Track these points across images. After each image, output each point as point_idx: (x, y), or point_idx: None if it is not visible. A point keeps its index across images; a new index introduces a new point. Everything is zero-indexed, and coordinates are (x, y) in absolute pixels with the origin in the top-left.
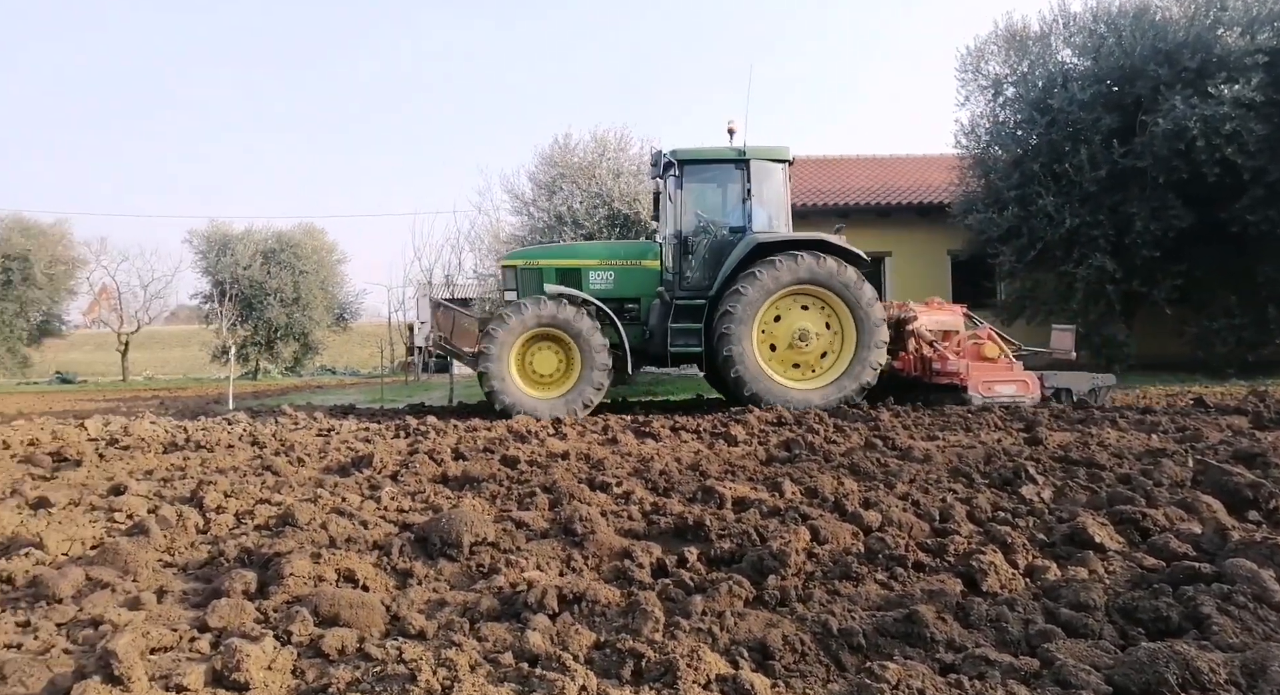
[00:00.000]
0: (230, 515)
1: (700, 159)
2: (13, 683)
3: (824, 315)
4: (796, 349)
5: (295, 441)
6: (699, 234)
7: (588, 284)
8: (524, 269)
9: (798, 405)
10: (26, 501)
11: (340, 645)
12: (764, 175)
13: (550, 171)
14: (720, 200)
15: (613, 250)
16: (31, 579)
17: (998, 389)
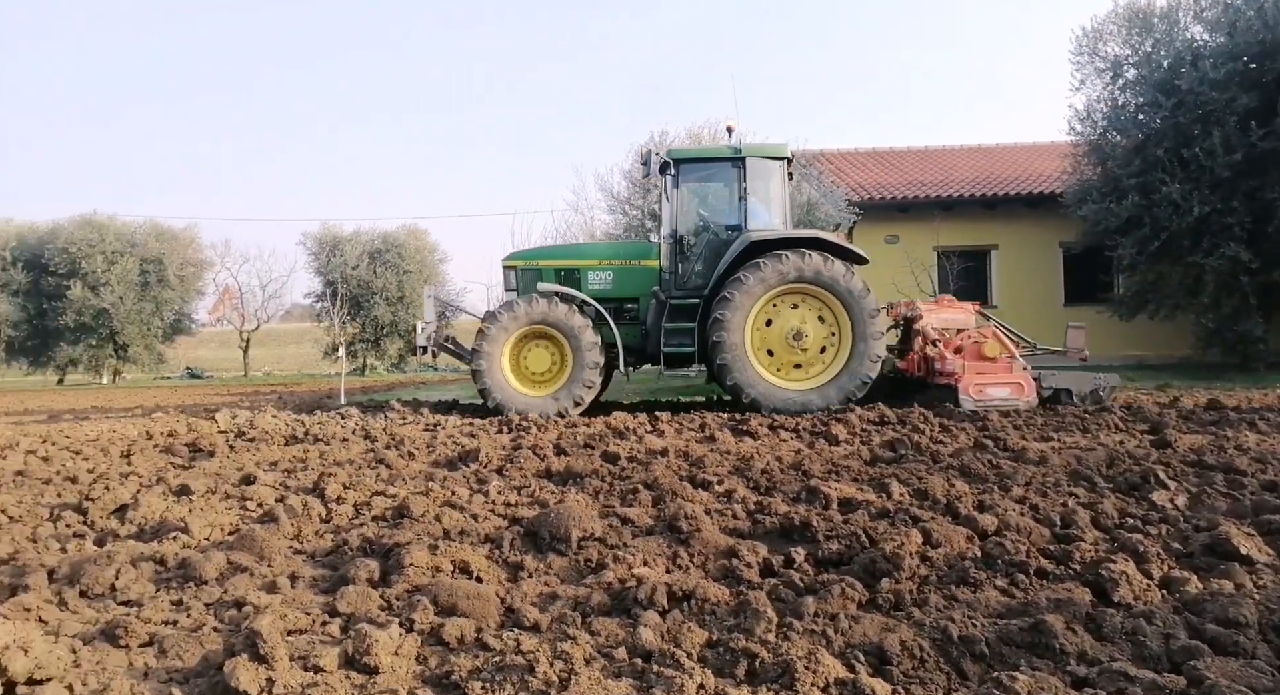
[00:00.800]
0: (349, 506)
1: (696, 158)
2: (171, 656)
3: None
4: (792, 349)
5: (404, 435)
6: (697, 233)
7: (586, 284)
8: (524, 270)
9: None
10: (170, 489)
11: (460, 634)
12: (761, 174)
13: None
14: (717, 199)
15: (613, 250)
16: (181, 561)
17: (989, 391)
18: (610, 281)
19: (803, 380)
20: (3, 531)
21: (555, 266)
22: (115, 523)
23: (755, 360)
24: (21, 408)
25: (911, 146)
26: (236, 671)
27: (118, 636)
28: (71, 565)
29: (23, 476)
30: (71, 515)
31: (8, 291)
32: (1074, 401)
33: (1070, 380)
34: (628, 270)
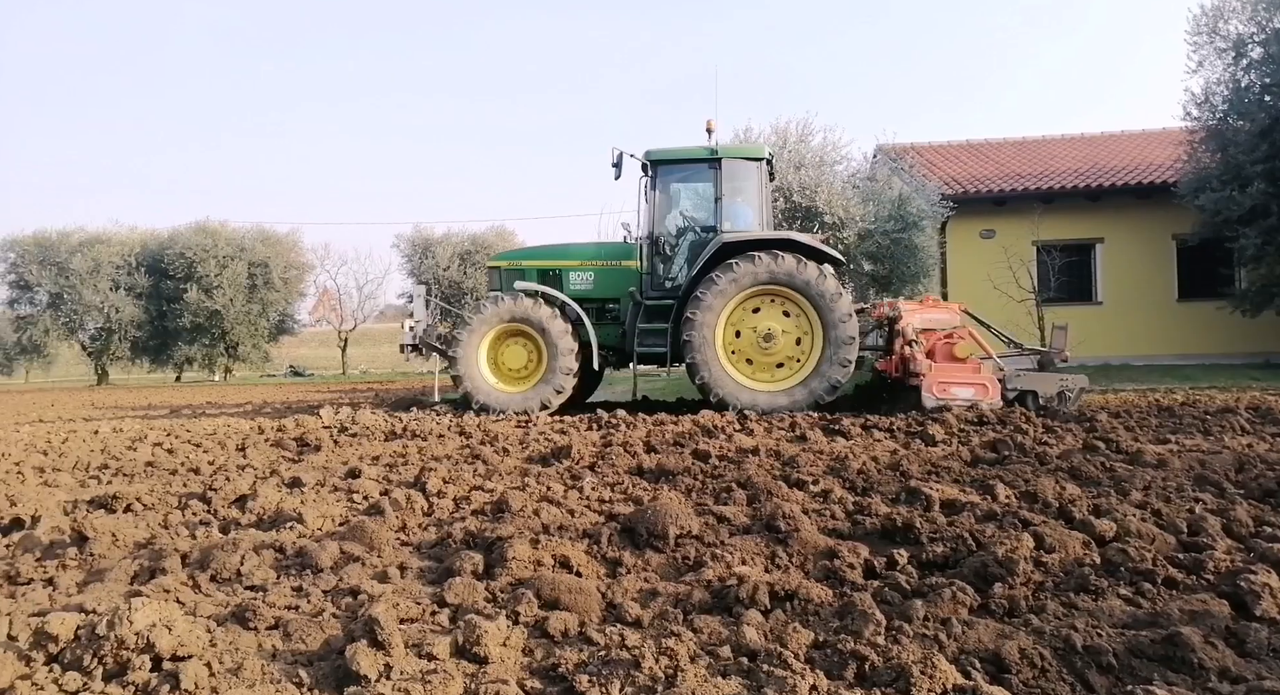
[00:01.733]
0: (449, 500)
1: (673, 159)
2: (295, 639)
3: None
4: (763, 351)
5: (498, 432)
6: (678, 235)
7: (568, 284)
8: (507, 270)
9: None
10: (283, 481)
11: (563, 627)
12: (738, 174)
13: None
14: (694, 200)
15: (594, 251)
16: (299, 549)
17: (953, 391)
18: (591, 282)
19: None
20: (139, 518)
21: (538, 267)
22: (236, 512)
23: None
24: (145, 403)
25: (1008, 138)
26: (357, 656)
27: (247, 619)
28: (201, 551)
29: (152, 467)
30: (197, 504)
31: (133, 295)
32: (1039, 404)
33: (1037, 382)
34: (608, 271)
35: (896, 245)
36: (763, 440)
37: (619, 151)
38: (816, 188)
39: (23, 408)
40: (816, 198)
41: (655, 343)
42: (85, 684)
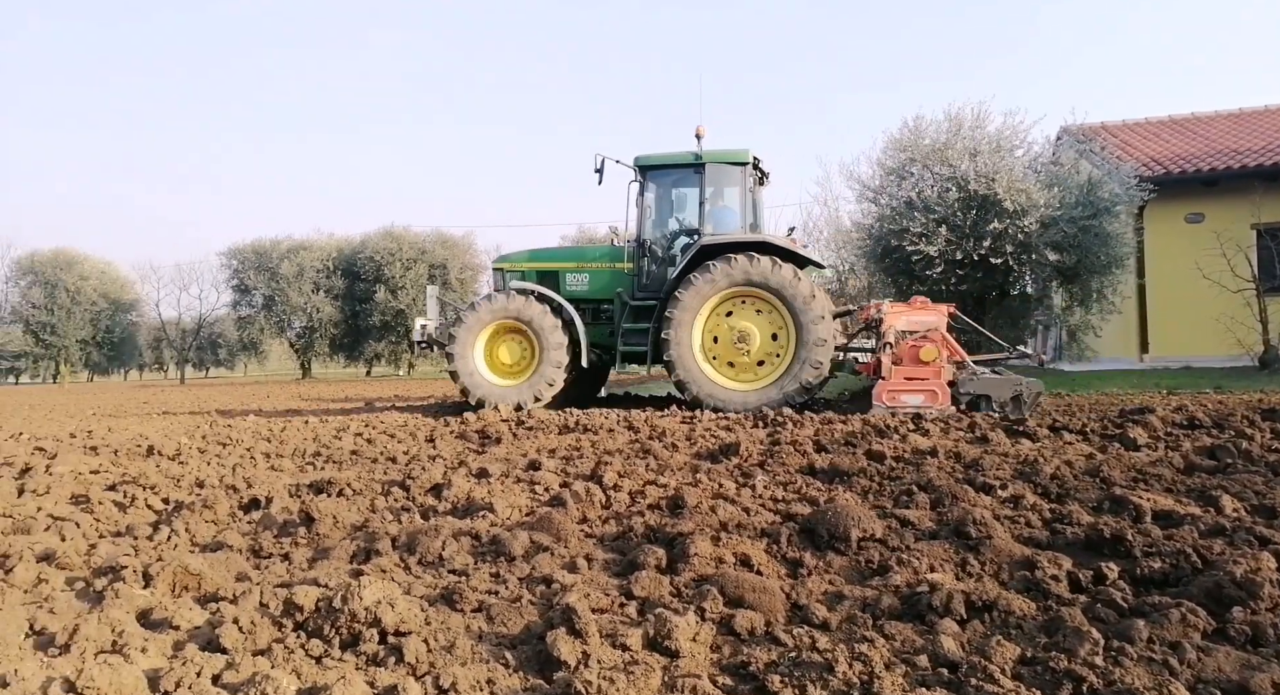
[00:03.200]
0: (625, 493)
1: (660, 164)
2: (498, 623)
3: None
4: (739, 351)
5: (665, 428)
6: (666, 237)
7: (564, 285)
8: (509, 271)
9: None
10: (471, 471)
11: (750, 626)
12: (722, 178)
13: (899, 156)
14: (681, 204)
15: (590, 254)
16: (492, 538)
17: (903, 398)
18: (585, 283)
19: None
20: (350, 502)
21: (537, 268)
22: (433, 500)
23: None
24: (343, 396)
25: (1221, 110)
26: (557, 643)
27: (454, 601)
28: (408, 535)
29: (356, 455)
30: (398, 491)
31: (330, 296)
32: (994, 409)
33: (991, 387)
34: (601, 273)
35: (1085, 233)
36: (940, 441)
37: (601, 157)
38: (994, 175)
39: (245, 398)
40: (995, 185)
41: (638, 342)
42: (326, 651)
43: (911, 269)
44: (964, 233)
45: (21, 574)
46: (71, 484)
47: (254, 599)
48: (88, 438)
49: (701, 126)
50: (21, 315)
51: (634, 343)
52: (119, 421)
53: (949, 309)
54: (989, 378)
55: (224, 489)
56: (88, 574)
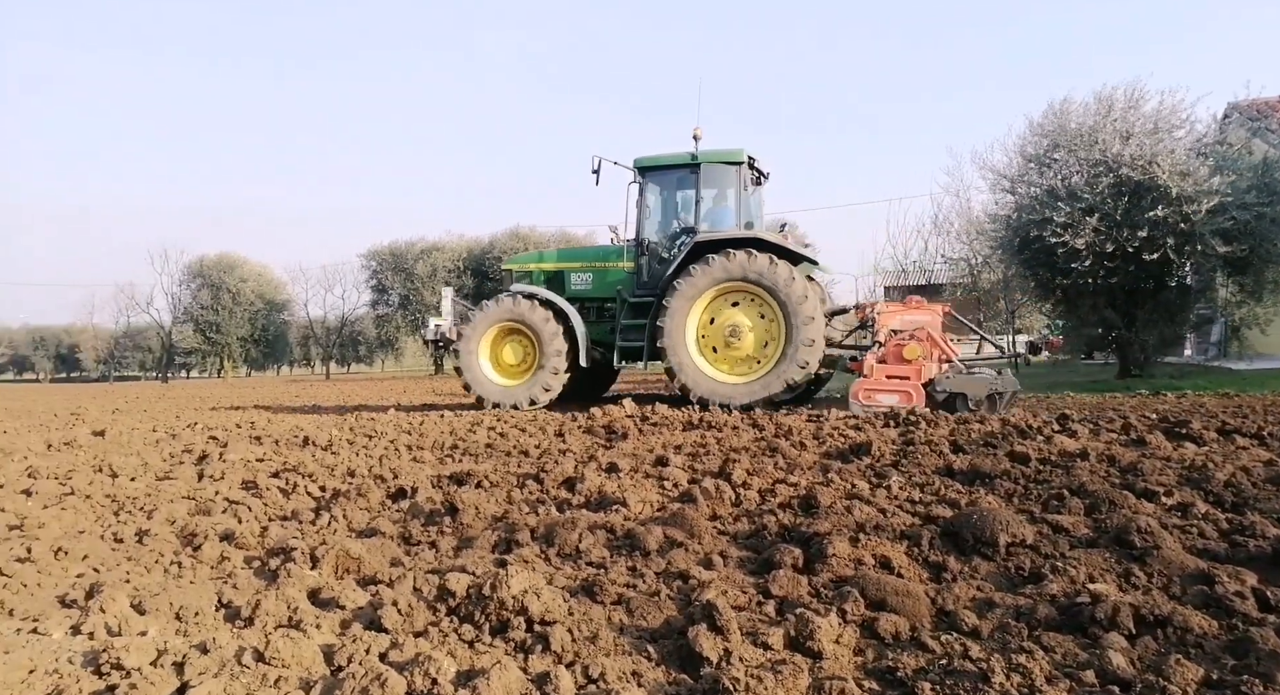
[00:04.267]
0: (755, 491)
1: (657, 166)
2: (637, 616)
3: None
4: (730, 345)
5: (790, 426)
6: (664, 236)
7: (570, 285)
8: (518, 273)
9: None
10: (601, 466)
11: (894, 630)
12: (716, 178)
13: (1040, 142)
14: (679, 204)
15: (594, 254)
16: (627, 532)
17: (878, 398)
18: (589, 282)
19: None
20: (488, 494)
21: (544, 269)
22: (566, 493)
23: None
24: None
25: None
26: (699, 639)
27: (594, 593)
28: (545, 527)
29: (491, 449)
30: (532, 484)
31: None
32: (970, 407)
33: (967, 385)
34: (604, 272)
35: (1260, 221)
36: (1090, 443)
37: (598, 159)
38: (1153, 158)
39: (383, 393)
40: (1154, 169)
41: (636, 338)
42: (477, 636)
43: (1053, 261)
44: (1115, 222)
45: (208, 551)
46: (241, 471)
47: (408, 584)
48: (251, 428)
49: (699, 128)
50: (192, 315)
51: (632, 338)
52: (277, 415)
53: (944, 308)
54: (965, 377)
55: (373, 479)
56: (262, 554)
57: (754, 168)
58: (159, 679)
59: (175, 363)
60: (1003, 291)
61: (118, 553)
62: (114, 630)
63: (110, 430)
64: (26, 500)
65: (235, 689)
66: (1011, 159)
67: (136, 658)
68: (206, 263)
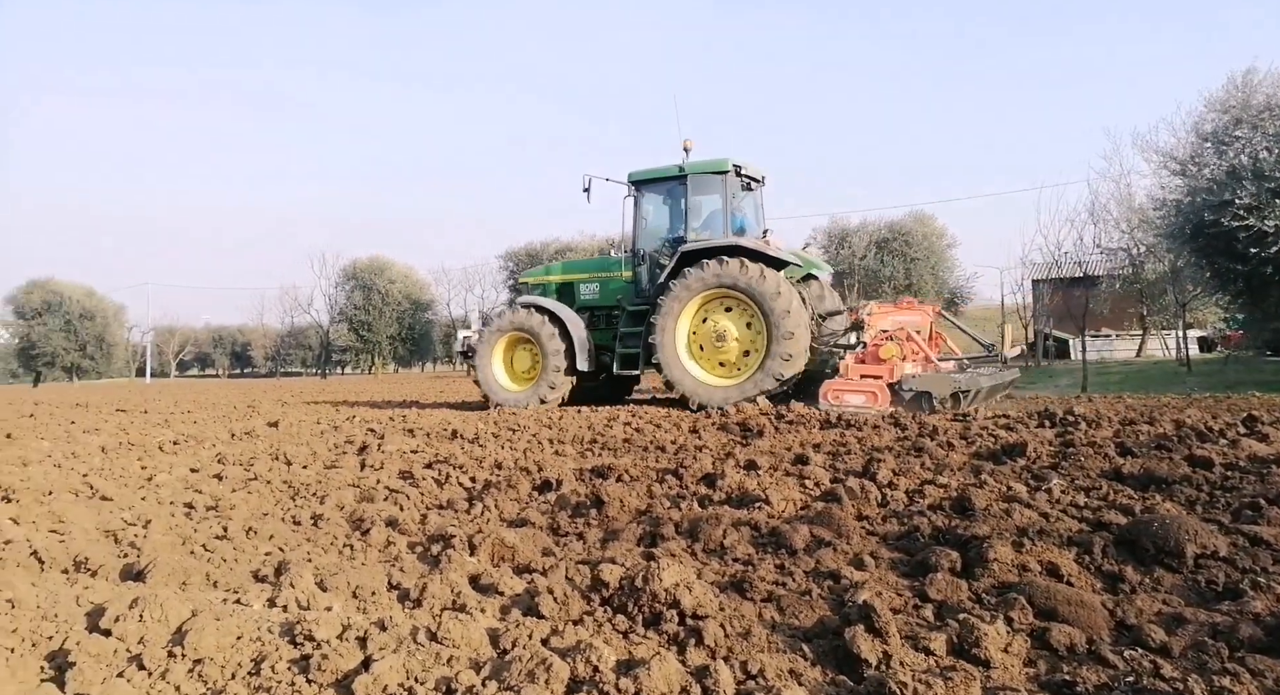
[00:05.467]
0: (902, 492)
1: (651, 178)
2: (789, 614)
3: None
4: (718, 349)
5: (935, 425)
6: (658, 245)
7: (579, 295)
8: (533, 285)
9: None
10: (739, 463)
11: (1069, 642)
12: (704, 187)
13: (1220, 119)
14: (670, 213)
15: (598, 265)
16: (771, 530)
17: (845, 398)
18: (596, 292)
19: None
20: (629, 487)
21: (556, 281)
22: (705, 489)
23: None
24: None
25: None
26: (856, 640)
27: (744, 589)
28: (689, 522)
29: (628, 444)
30: (672, 479)
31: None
32: (935, 406)
33: (931, 383)
34: (608, 282)
35: None
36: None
37: (589, 177)
38: None
39: None
40: None
41: (633, 344)
42: (631, 627)
43: (1233, 248)
44: None
45: (375, 536)
46: (398, 461)
47: (561, 573)
48: (403, 421)
49: (689, 140)
50: (346, 315)
51: (630, 345)
52: (425, 409)
53: (934, 309)
54: (929, 376)
55: (519, 471)
56: (423, 540)
57: (742, 175)
58: (346, 651)
59: (332, 360)
60: (1171, 283)
61: (297, 534)
62: (303, 604)
63: (282, 422)
64: (218, 484)
65: (413, 665)
66: (1182, 139)
67: (325, 631)
68: (359, 266)
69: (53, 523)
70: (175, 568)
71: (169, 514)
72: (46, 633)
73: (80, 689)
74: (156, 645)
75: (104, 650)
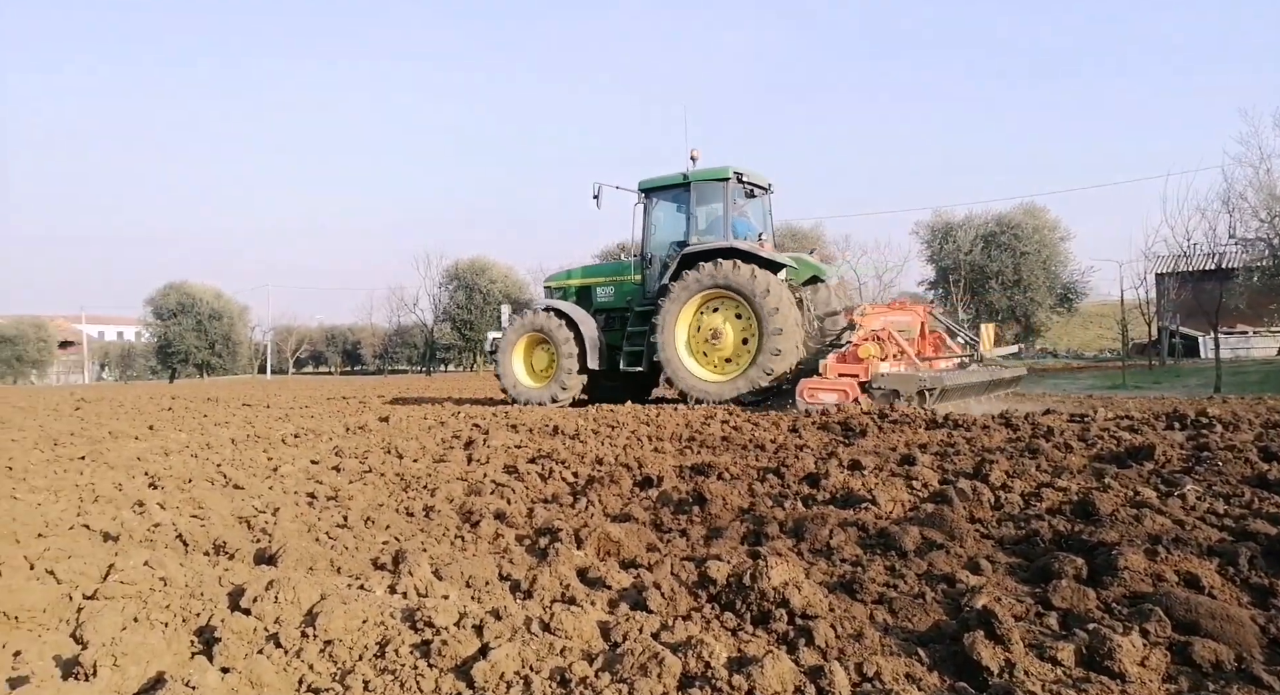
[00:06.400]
0: (1017, 495)
1: (657, 186)
2: (901, 618)
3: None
4: (713, 347)
5: (1050, 426)
6: (666, 248)
7: (596, 298)
8: (555, 288)
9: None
10: (842, 463)
11: (1214, 658)
12: (706, 194)
13: None
14: (674, 218)
15: (614, 269)
16: (880, 531)
17: (820, 396)
18: (611, 295)
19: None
20: (729, 485)
21: (575, 285)
22: (808, 488)
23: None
24: None
25: None
26: (976, 646)
27: (854, 590)
28: (794, 521)
29: (727, 442)
30: (773, 478)
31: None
32: (903, 402)
33: (898, 381)
34: (621, 285)
35: None
36: None
37: (599, 185)
38: None
39: None
40: None
41: (638, 343)
42: (739, 624)
43: None
44: None
45: (485, 528)
46: (503, 456)
47: (666, 568)
48: (506, 418)
49: (696, 150)
50: (449, 314)
51: (636, 344)
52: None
53: (925, 309)
54: (897, 374)
55: (620, 467)
56: (530, 532)
57: (744, 182)
58: (463, 638)
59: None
60: None
61: (411, 524)
62: (421, 592)
63: (392, 417)
64: (336, 475)
65: (528, 654)
66: None
67: (443, 618)
68: (461, 266)
69: (193, 508)
70: (303, 553)
71: (293, 503)
72: (194, 609)
73: (226, 663)
74: (290, 625)
75: (245, 628)
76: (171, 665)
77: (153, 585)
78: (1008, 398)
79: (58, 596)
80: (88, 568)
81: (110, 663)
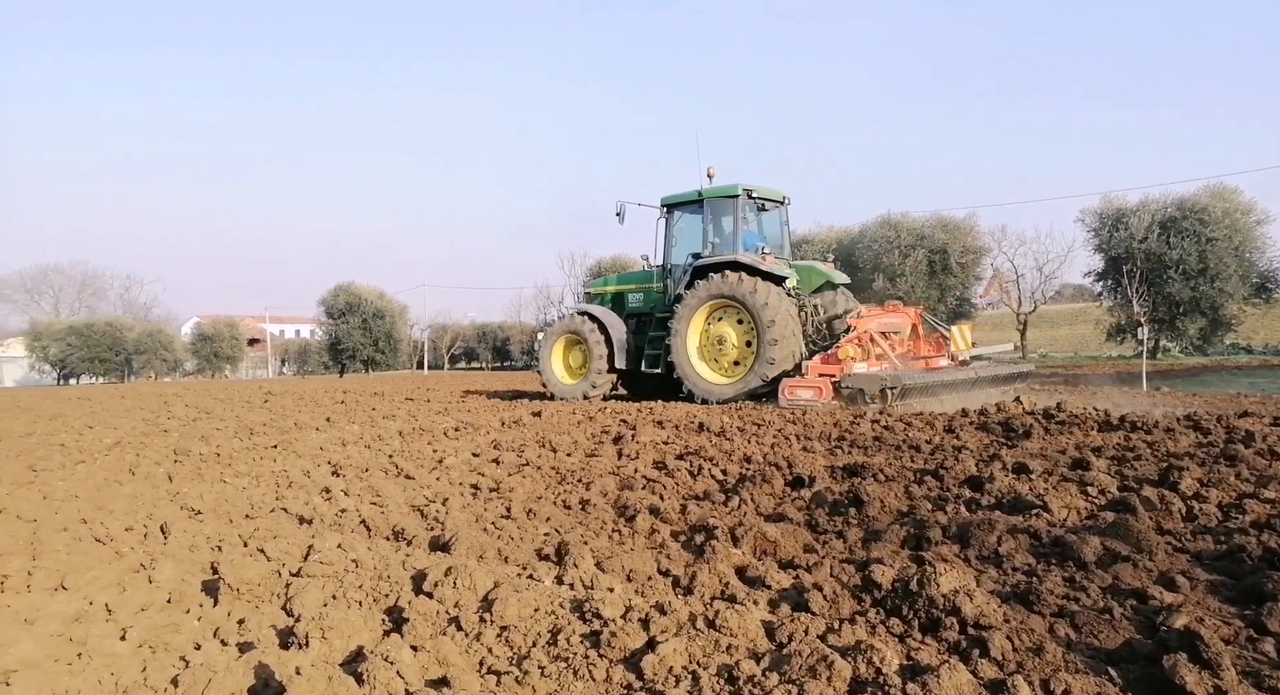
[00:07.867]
0: (1213, 506)
1: (676, 202)
2: (1085, 633)
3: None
4: (720, 352)
5: (1249, 430)
6: (684, 261)
7: (627, 304)
8: (594, 294)
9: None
10: (1006, 466)
11: None
12: (718, 210)
13: None
14: (690, 232)
15: (644, 277)
16: (1054, 539)
17: (798, 393)
18: (641, 301)
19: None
20: (888, 488)
21: (611, 291)
22: (970, 492)
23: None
24: None
25: None
26: (1179, 669)
27: (1030, 601)
28: (957, 526)
29: (879, 442)
30: (931, 481)
31: None
32: (866, 401)
33: (863, 381)
34: (649, 292)
35: None
36: None
37: (621, 203)
38: None
39: None
40: None
41: (657, 346)
42: (906, 631)
43: None
44: None
45: (640, 523)
46: (651, 452)
47: (825, 570)
48: (651, 414)
49: (712, 168)
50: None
51: (655, 347)
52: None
53: (917, 311)
54: (863, 374)
55: (769, 466)
56: (685, 529)
57: (755, 198)
58: (631, 631)
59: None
60: None
61: (569, 517)
62: (586, 584)
63: (544, 412)
64: (496, 468)
65: (694, 649)
66: None
67: (610, 610)
68: (604, 265)
69: (371, 496)
70: (473, 542)
71: (459, 493)
72: (383, 590)
73: (415, 642)
74: (469, 610)
75: (429, 610)
76: (368, 640)
77: (346, 567)
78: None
79: (268, 572)
80: (290, 548)
81: (320, 635)
